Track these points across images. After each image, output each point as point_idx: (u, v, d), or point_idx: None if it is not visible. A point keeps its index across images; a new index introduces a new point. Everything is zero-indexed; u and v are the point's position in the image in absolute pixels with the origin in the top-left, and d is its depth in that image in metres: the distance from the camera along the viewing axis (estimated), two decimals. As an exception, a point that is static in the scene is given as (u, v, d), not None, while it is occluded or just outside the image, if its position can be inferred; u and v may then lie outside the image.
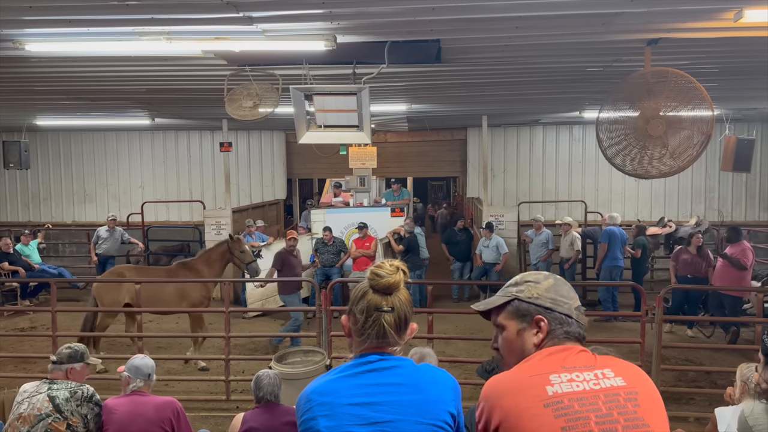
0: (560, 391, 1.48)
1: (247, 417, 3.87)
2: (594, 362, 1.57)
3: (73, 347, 4.06)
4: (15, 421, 3.73)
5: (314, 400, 1.70)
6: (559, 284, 1.70)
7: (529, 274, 1.75)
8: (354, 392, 1.69)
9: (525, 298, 1.67)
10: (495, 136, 13.69)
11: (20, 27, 4.42)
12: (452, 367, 6.86)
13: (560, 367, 1.54)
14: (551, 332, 1.62)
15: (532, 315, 1.65)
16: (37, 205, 14.86)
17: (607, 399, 1.48)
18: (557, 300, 1.65)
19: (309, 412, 1.70)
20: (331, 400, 1.68)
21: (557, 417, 1.45)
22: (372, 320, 1.73)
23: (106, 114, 11.11)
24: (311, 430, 1.68)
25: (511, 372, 1.60)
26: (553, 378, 1.51)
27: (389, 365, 1.73)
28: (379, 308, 1.73)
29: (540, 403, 1.47)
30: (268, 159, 14.68)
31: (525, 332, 1.66)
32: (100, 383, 5.39)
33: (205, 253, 8.27)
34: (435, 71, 6.41)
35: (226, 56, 5.50)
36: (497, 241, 10.84)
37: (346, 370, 1.74)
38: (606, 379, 1.52)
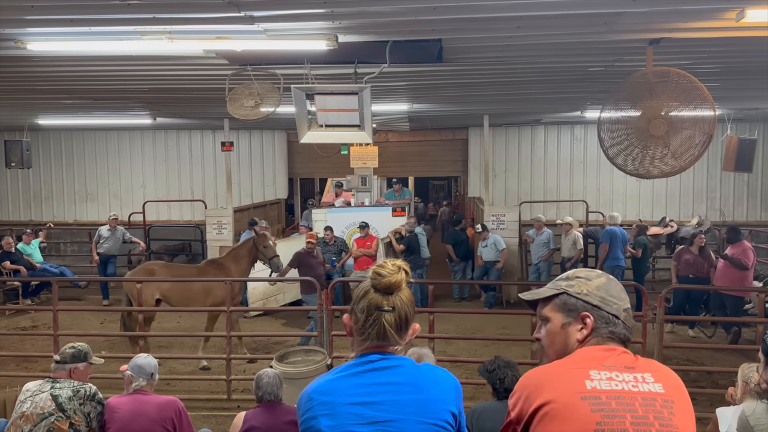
0: (599, 387, 1.49)
1: (248, 416, 3.88)
2: (635, 365, 1.57)
3: (76, 347, 4.07)
4: (17, 420, 3.74)
5: (315, 399, 1.71)
6: (611, 284, 1.69)
7: (581, 270, 1.75)
8: (355, 391, 1.69)
9: (574, 293, 1.67)
10: (496, 135, 13.68)
11: (22, 26, 4.42)
12: (453, 366, 6.86)
13: (601, 365, 1.54)
14: (596, 330, 1.62)
15: (579, 311, 1.64)
16: (38, 205, 14.87)
17: (644, 402, 1.49)
18: (606, 299, 1.64)
19: (310, 411, 1.70)
20: (332, 400, 1.68)
21: (594, 411, 1.45)
22: (373, 319, 1.73)
23: (107, 113, 11.12)
24: (312, 429, 1.68)
25: (552, 364, 1.62)
26: (593, 374, 1.52)
27: (390, 365, 1.73)
28: (380, 308, 1.73)
29: (578, 396, 1.48)
30: (270, 158, 14.68)
31: (570, 327, 1.65)
32: (102, 382, 5.38)
33: (233, 250, 8.34)
34: (436, 71, 6.41)
35: (228, 56, 5.50)
36: (494, 238, 10.84)
37: (347, 370, 1.75)
38: (645, 383, 1.53)
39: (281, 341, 8.46)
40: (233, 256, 8.16)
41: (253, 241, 8.19)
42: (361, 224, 10.63)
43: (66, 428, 3.70)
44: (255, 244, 8.13)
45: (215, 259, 8.44)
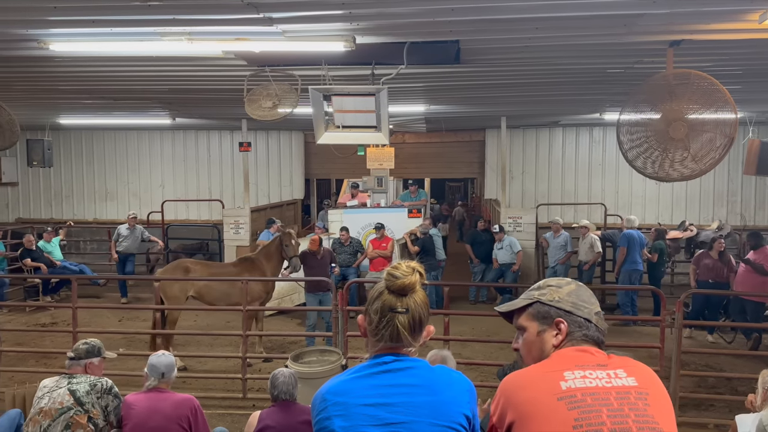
0: (573, 386, 1.55)
1: (263, 415, 3.89)
2: (607, 362, 1.63)
3: (89, 342, 4.14)
4: (36, 415, 3.80)
5: (329, 400, 1.71)
6: (581, 290, 1.76)
7: (552, 279, 1.82)
8: (368, 393, 1.69)
9: (546, 300, 1.74)
10: (514, 137, 13.62)
11: (45, 27, 4.50)
12: (469, 369, 6.84)
13: (574, 365, 1.61)
14: (570, 334, 1.69)
15: (553, 317, 1.72)
16: (59, 203, 15.10)
17: (619, 396, 1.54)
18: (578, 304, 1.72)
19: (324, 411, 1.71)
20: (345, 400, 1.69)
21: (570, 409, 1.51)
22: (386, 321, 1.73)
23: (127, 113, 11.26)
24: (326, 429, 1.68)
25: (528, 369, 1.68)
26: (567, 374, 1.58)
27: (404, 366, 1.73)
28: (394, 309, 1.73)
29: (553, 397, 1.54)
30: (287, 159, 14.76)
31: (545, 333, 1.72)
32: (119, 379, 5.44)
33: (265, 247, 8.50)
34: (454, 72, 6.40)
35: (246, 57, 5.54)
36: (509, 240, 10.79)
37: (361, 371, 1.75)
38: (618, 378, 1.59)
39: (296, 341, 8.49)
40: (265, 253, 8.33)
41: (280, 238, 8.35)
42: (376, 225, 10.63)
43: (85, 422, 3.76)
44: (281, 240, 8.29)
45: (248, 257, 8.57)
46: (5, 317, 9.73)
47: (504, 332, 8.83)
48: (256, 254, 8.43)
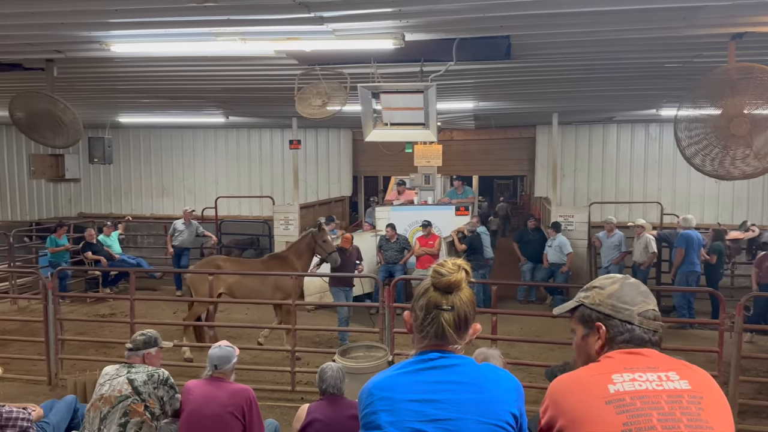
0: (622, 390, 1.51)
1: (311, 408, 3.96)
2: (658, 365, 1.58)
3: (146, 333, 4.30)
4: (97, 401, 3.98)
5: (375, 395, 1.73)
6: (625, 289, 1.70)
7: (600, 278, 1.77)
8: (415, 389, 1.69)
9: (589, 304, 1.71)
10: (566, 134, 13.33)
11: (106, 29, 4.68)
12: (517, 369, 6.75)
13: (623, 368, 1.57)
14: (611, 339, 1.65)
15: (594, 321, 1.69)
16: (118, 198, 15.71)
17: (670, 399, 1.49)
18: (617, 306, 1.66)
19: (370, 406, 1.72)
20: (392, 396, 1.70)
21: (619, 413, 1.47)
22: (431, 318, 1.73)
23: (183, 112, 11.61)
24: (372, 424, 1.70)
25: (576, 372, 1.65)
26: (615, 377, 1.54)
27: (450, 363, 1.73)
28: (439, 306, 1.73)
29: (602, 401, 1.51)
30: (335, 156, 14.91)
31: (589, 338, 1.71)
32: (174, 369, 5.62)
33: (295, 244, 8.59)
34: (504, 68, 6.31)
35: (297, 56, 5.62)
36: (560, 240, 10.57)
37: (407, 367, 1.75)
38: (670, 381, 1.54)
39: (343, 336, 8.56)
40: (295, 250, 8.39)
41: (312, 235, 8.37)
42: (423, 223, 10.62)
43: (141, 410, 3.91)
44: (314, 238, 8.31)
45: (278, 254, 8.70)
46: (67, 308, 10.18)
47: (553, 333, 8.68)
48: (286, 251, 8.53)
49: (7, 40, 5.00)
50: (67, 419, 4.43)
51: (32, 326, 8.28)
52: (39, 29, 4.66)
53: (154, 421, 3.98)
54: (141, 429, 3.92)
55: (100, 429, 3.88)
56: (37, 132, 6.08)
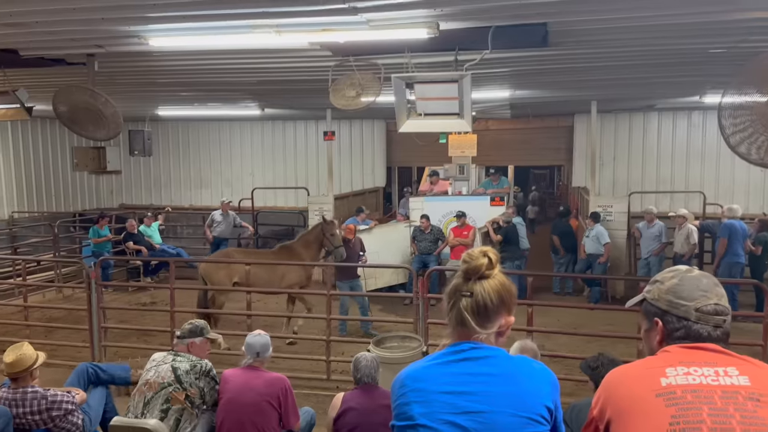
0: (674, 383, 1.50)
1: (346, 397, 3.99)
2: (717, 360, 1.55)
3: (193, 323, 4.39)
4: (142, 386, 4.10)
5: (408, 386, 1.72)
6: (684, 284, 1.66)
7: (664, 272, 1.76)
8: (447, 380, 1.69)
9: (650, 298, 1.71)
10: (605, 122, 13.05)
11: (145, 23, 4.76)
12: (552, 362, 6.67)
13: (678, 361, 1.55)
14: (668, 334, 1.64)
15: (653, 316, 1.69)
16: (158, 190, 16.08)
17: (725, 395, 1.46)
18: (673, 302, 1.64)
19: (403, 396, 1.72)
20: (424, 387, 1.70)
21: (668, 406, 1.46)
22: (452, 304, 1.75)
23: (220, 105, 11.78)
24: (405, 414, 1.70)
25: (631, 364, 1.67)
26: (669, 371, 1.53)
27: (482, 355, 1.71)
28: (459, 292, 1.74)
29: (652, 393, 1.50)
30: (369, 147, 14.93)
31: (651, 332, 1.71)
32: (213, 357, 5.74)
33: (303, 236, 8.76)
34: (541, 56, 6.20)
35: (331, 47, 5.62)
36: (597, 231, 10.37)
37: (440, 358, 1.75)
38: (727, 376, 1.50)
39: (378, 326, 8.61)
40: (303, 241, 8.56)
41: (321, 227, 8.49)
42: (457, 213, 10.56)
43: (182, 399, 4.01)
44: (323, 230, 8.43)
45: (287, 244, 8.87)
46: (110, 296, 10.48)
47: (591, 325, 8.55)
48: (295, 242, 8.70)
49: (51, 36, 5.14)
50: (103, 402, 4.57)
51: (77, 314, 8.57)
52: (81, 25, 4.77)
53: (194, 410, 4.08)
54: (182, 416, 4.02)
55: (143, 413, 4.00)
56: (79, 125, 6.25)
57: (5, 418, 3.81)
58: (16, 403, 3.99)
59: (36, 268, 11.64)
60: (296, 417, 4.22)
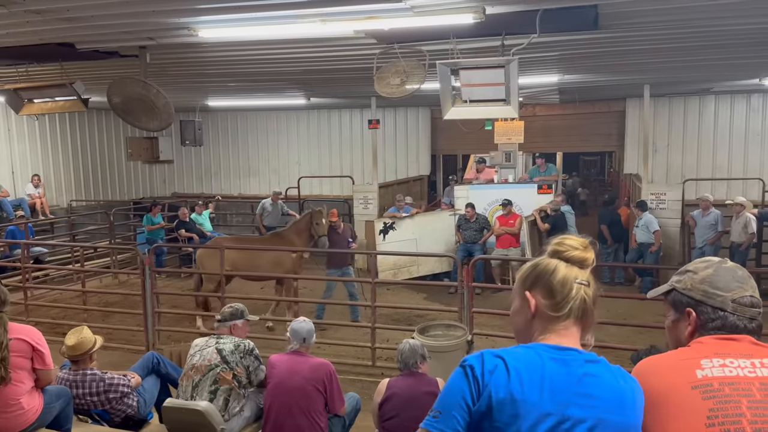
0: (710, 375, 1.45)
1: (391, 383, 4.02)
2: (752, 351, 1.51)
3: (233, 306, 4.51)
4: (189, 371, 4.23)
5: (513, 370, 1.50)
6: (720, 274, 1.60)
7: (695, 262, 1.69)
8: (563, 389, 1.47)
9: (680, 288, 1.65)
10: (658, 106, 12.61)
11: (194, 15, 4.86)
12: (602, 352, 6.46)
13: (713, 353, 1.51)
14: (702, 325, 1.59)
15: (684, 306, 1.62)
16: (209, 179, 16.48)
17: (763, 387, 1.42)
18: (709, 292, 1.59)
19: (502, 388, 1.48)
20: (525, 399, 1.46)
21: (705, 399, 1.42)
22: (574, 292, 1.55)
23: (267, 95, 11.94)
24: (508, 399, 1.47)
25: (663, 355, 1.60)
26: (704, 362, 1.49)
27: (588, 371, 1.50)
28: (579, 280, 1.56)
29: (687, 385, 1.45)
30: (413, 135, 14.87)
31: (679, 323, 1.64)
32: (260, 341, 5.86)
33: (294, 224, 8.97)
34: (591, 39, 6.03)
35: (376, 35, 5.61)
36: (646, 219, 10.07)
37: (544, 351, 1.52)
38: (764, 368, 1.46)
39: (422, 314, 8.61)
40: (295, 229, 8.75)
41: (311, 215, 8.66)
42: (503, 202, 10.42)
43: (230, 378, 4.13)
44: (312, 219, 8.58)
45: (278, 231, 9.13)
46: (163, 282, 10.81)
47: (641, 315, 8.33)
48: (287, 230, 8.88)
49: (105, 29, 5.31)
50: (157, 387, 4.74)
51: (131, 299, 8.88)
52: (133, 18, 4.91)
53: (241, 389, 4.20)
54: (230, 396, 4.14)
55: (192, 396, 4.13)
56: (132, 116, 6.44)
57: (66, 397, 4.00)
58: (76, 384, 4.18)
59: (93, 255, 12.12)
60: (341, 402, 4.28)
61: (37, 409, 3.72)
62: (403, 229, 11.01)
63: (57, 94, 7.15)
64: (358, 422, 4.71)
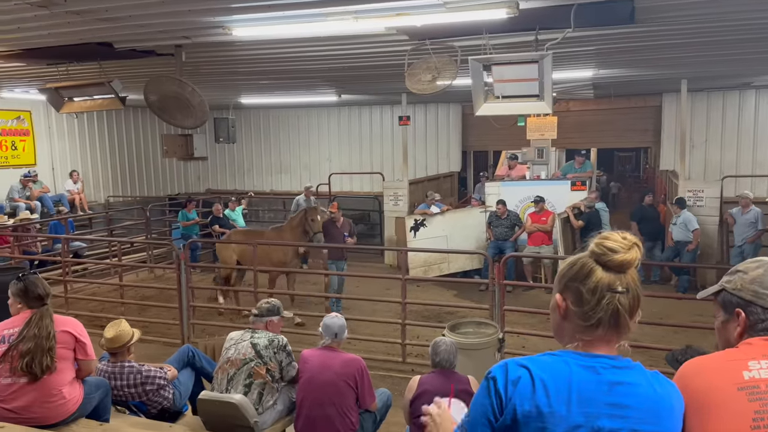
0: (758, 377, 1.44)
1: (423, 380, 4.02)
2: None
3: (270, 302, 4.57)
4: (224, 364, 4.30)
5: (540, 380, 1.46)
6: None
7: (746, 262, 1.67)
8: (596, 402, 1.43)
9: (730, 289, 1.63)
10: (696, 101, 12.30)
11: (228, 14, 4.92)
12: (635, 352, 6.39)
13: (761, 355, 1.49)
14: (751, 326, 1.57)
15: (734, 307, 1.60)
16: (241, 175, 16.70)
17: None
18: (759, 293, 1.57)
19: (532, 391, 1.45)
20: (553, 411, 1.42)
21: (751, 401, 1.40)
22: (606, 303, 1.46)
23: (298, 92, 12.03)
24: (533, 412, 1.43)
25: (709, 356, 1.58)
26: (751, 364, 1.47)
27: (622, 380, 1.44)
28: (613, 289, 1.47)
29: (733, 387, 1.44)
30: (444, 131, 14.80)
31: (729, 323, 1.62)
32: (293, 336, 5.93)
33: (290, 220, 9.31)
34: (627, 33, 5.90)
35: (408, 31, 5.60)
36: (685, 217, 9.83)
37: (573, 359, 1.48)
38: None
39: (452, 311, 8.59)
40: (290, 225, 9.11)
41: (305, 212, 8.94)
42: (535, 198, 10.31)
43: (264, 373, 4.19)
44: (306, 215, 8.85)
45: (278, 227, 9.59)
46: (198, 277, 11.00)
47: (677, 315, 8.16)
48: (284, 225, 9.32)
49: (142, 29, 5.41)
50: (192, 379, 4.84)
51: (167, 293, 9.08)
52: (169, 17, 5.00)
53: (274, 384, 4.26)
54: (264, 390, 4.20)
55: (227, 389, 4.20)
56: (168, 114, 6.56)
57: (105, 388, 4.11)
58: (114, 376, 4.29)
59: (129, 249, 12.41)
60: (372, 397, 4.30)
61: (78, 400, 3.83)
62: (434, 226, 10.99)
63: (95, 92, 7.33)
64: (389, 417, 4.73)
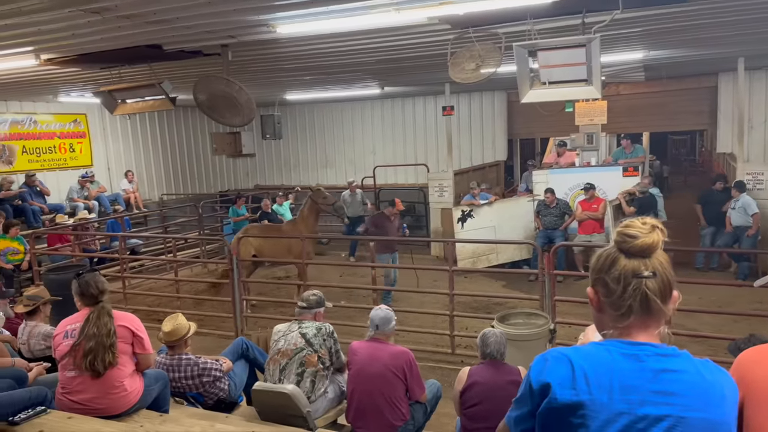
0: None
1: (473, 371, 4.01)
2: None
3: (317, 294, 4.66)
4: (275, 356, 4.40)
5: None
6: None
7: None
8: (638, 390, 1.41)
9: None
10: (754, 80, 11.74)
11: (273, 12, 4.99)
12: (694, 342, 6.24)
13: None
14: None
15: None
16: (288, 171, 16.95)
17: None
18: None
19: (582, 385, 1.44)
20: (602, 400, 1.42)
21: None
22: (633, 289, 1.45)
23: (342, 86, 12.10)
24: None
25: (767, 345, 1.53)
26: None
27: (668, 367, 1.42)
28: (639, 274, 1.45)
29: None
30: (489, 120, 14.61)
31: None
32: (339, 328, 6.00)
33: (301, 210, 9.40)
34: (679, 12, 5.68)
35: (450, 20, 5.54)
36: (744, 201, 9.42)
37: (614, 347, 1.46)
38: None
39: (500, 302, 8.50)
40: (302, 216, 9.25)
41: (311, 198, 9.02)
42: (585, 186, 10.08)
43: (315, 360, 4.28)
44: (314, 201, 8.92)
45: (293, 219, 9.73)
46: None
47: (738, 303, 7.85)
48: (297, 217, 9.43)
49: (189, 30, 5.55)
50: (246, 371, 4.97)
51: (220, 287, 9.31)
52: (215, 17, 5.10)
53: (325, 371, 4.33)
54: (315, 378, 4.28)
55: (280, 379, 4.30)
56: (217, 112, 6.71)
57: (164, 381, 4.26)
58: (172, 368, 4.44)
59: (183, 245, 12.78)
60: (421, 389, 4.31)
61: (139, 391, 3.98)
62: (482, 216, 10.89)
63: (147, 93, 7.56)
64: (439, 409, 4.74)
